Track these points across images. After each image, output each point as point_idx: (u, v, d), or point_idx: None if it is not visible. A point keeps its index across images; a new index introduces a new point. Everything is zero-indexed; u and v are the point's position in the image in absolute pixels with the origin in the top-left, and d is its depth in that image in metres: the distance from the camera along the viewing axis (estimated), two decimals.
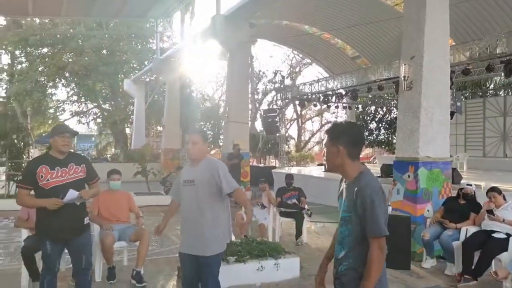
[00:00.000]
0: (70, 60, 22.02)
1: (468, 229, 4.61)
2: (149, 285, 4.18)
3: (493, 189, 4.70)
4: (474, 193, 5.02)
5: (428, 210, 5.34)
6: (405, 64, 5.86)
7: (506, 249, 4.13)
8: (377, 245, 1.80)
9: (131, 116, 22.97)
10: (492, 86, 21.35)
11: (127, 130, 25.82)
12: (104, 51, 22.41)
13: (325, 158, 2.02)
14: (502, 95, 19.32)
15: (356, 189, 1.84)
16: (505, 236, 4.23)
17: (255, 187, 7.50)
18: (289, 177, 6.94)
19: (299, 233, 6.23)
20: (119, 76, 23.06)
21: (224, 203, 2.97)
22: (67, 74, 22.38)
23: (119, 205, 4.65)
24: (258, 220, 6.11)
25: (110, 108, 25.09)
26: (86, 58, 20.95)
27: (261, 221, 6.06)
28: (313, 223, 7.68)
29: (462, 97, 18.38)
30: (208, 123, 26.53)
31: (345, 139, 1.92)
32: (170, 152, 16.23)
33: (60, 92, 25.22)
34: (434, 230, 4.87)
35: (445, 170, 5.59)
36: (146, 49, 23.22)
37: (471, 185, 5.10)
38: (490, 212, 4.45)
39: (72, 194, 2.98)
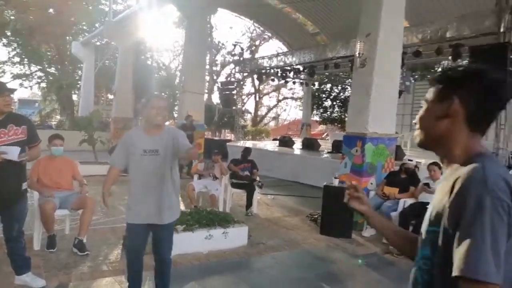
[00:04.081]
0: (12, 17, 20.13)
1: (406, 201, 4.90)
2: (92, 254, 4.06)
3: (433, 163, 5.00)
4: (415, 168, 5.32)
5: (371, 183, 5.60)
6: (360, 41, 5.95)
7: None
8: None
9: (79, 82, 21.69)
10: (440, 69, 22.46)
11: (74, 97, 24.39)
12: (51, 10, 20.70)
13: (417, 123, 1.15)
14: None
15: (455, 181, 0.97)
16: None
17: (209, 159, 7.44)
18: (247, 150, 6.98)
19: (249, 204, 6.31)
20: (67, 38, 21.50)
21: (176, 171, 2.95)
22: (8, 33, 20.48)
23: (61, 171, 4.42)
24: (209, 191, 6.10)
25: (56, 72, 23.48)
26: (31, 17, 19.25)
27: (212, 192, 6.05)
28: (264, 195, 7.81)
29: (411, 78, 19.21)
30: (163, 93, 25.71)
31: (473, 90, 1.03)
32: (121, 121, 15.58)
33: (0, 52, 23.16)
34: (375, 202, 5.14)
35: (390, 146, 5.86)
36: (97, 10, 21.74)
37: (412, 160, 5.40)
38: (426, 185, 4.74)
39: (11, 149, 2.86)
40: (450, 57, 10.67)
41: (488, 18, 8.98)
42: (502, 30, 8.51)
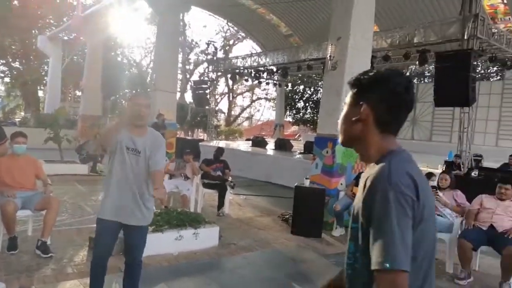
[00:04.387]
0: None
1: None
2: (56, 256, 3.90)
3: None
4: None
5: (341, 184, 5.71)
6: (332, 44, 6.06)
7: None
8: (386, 286, 0.95)
9: (45, 78, 20.88)
10: (407, 74, 23.26)
11: (40, 93, 23.47)
12: (16, 2, 19.82)
13: (339, 125, 1.20)
14: (416, 82, 21.20)
15: (367, 179, 1.06)
16: None
17: (180, 159, 7.35)
18: (219, 150, 6.94)
19: (221, 204, 6.28)
20: (33, 31, 20.63)
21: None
22: None
23: (23, 170, 4.24)
24: (180, 191, 6.02)
25: (21, 66, 22.50)
26: None
27: (183, 192, 5.98)
28: (236, 195, 7.80)
29: None
30: (134, 91, 25.19)
31: (378, 94, 1.10)
32: (89, 119, 15.13)
33: None
34: (345, 202, 5.25)
35: None
36: (65, 4, 21.03)
37: None
38: None
39: None
40: (417, 62, 11.06)
41: (453, 26, 9.38)
42: (465, 37, 8.91)
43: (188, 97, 26.10)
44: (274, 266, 4.26)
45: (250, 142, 15.78)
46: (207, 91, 18.51)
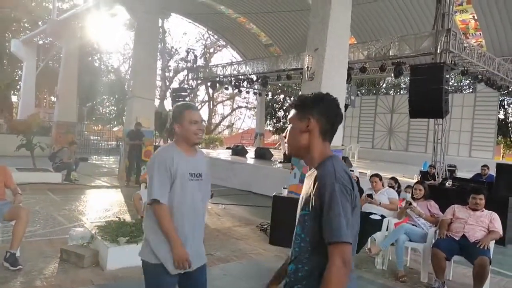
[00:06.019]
0: None
1: None
2: (26, 269, 3.75)
3: (375, 175, 5.25)
4: (358, 178, 5.54)
5: None
6: (309, 55, 6.15)
7: (380, 229, 4.66)
8: (338, 255, 1.26)
9: (19, 82, 20.29)
10: (384, 85, 23.85)
11: (14, 98, 22.77)
12: None
13: (286, 139, 1.52)
14: (392, 94, 21.75)
15: (316, 176, 1.36)
16: (380, 218, 4.78)
17: None
18: None
19: None
20: (6, 34, 20.06)
21: None
22: None
23: None
24: None
25: None
26: None
27: None
28: (215, 204, 7.73)
29: (358, 93, 20.20)
30: (111, 98, 24.80)
31: (321, 110, 1.42)
32: (64, 126, 14.78)
33: None
34: None
35: None
36: (41, 7, 20.59)
37: (353, 170, 5.62)
38: (369, 196, 4.96)
39: None
40: (393, 74, 11.35)
41: (427, 40, 9.69)
42: (438, 51, 9.22)
43: (168, 104, 25.86)
44: (251, 277, 4.23)
45: (230, 150, 15.73)
46: (187, 99, 18.38)
